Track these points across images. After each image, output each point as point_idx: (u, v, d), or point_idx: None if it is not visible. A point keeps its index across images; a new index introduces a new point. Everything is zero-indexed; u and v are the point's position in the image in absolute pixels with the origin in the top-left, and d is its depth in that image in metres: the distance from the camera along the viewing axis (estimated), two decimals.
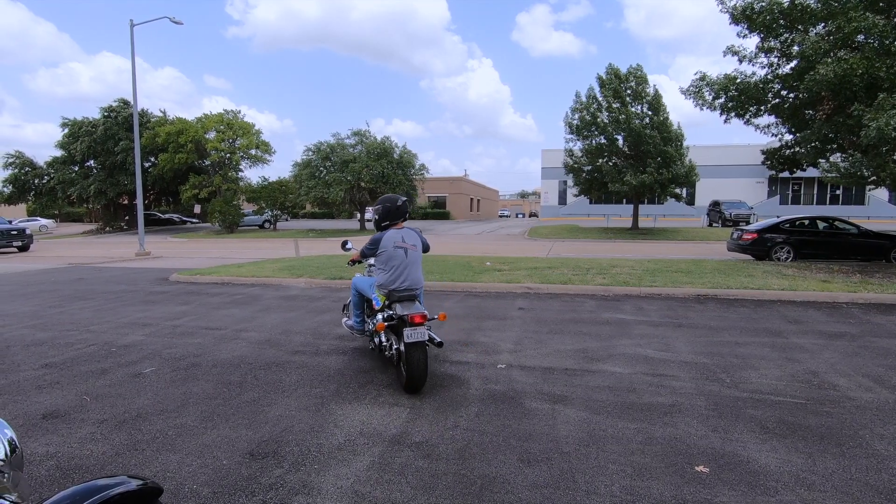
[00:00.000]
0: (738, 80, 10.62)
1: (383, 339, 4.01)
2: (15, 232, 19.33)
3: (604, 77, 23.46)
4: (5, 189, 32.86)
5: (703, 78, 10.99)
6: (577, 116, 24.47)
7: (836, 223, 13.08)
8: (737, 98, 10.55)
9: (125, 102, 33.13)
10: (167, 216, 41.64)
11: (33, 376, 4.18)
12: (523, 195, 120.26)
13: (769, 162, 12.93)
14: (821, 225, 13.13)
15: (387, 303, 4.00)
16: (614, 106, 23.07)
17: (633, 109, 23.11)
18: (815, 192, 37.48)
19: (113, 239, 28.16)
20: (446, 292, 8.20)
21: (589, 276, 9.00)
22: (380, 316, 3.96)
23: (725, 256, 13.72)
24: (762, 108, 11.05)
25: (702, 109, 11.06)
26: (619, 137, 23.47)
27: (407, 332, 3.59)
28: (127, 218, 36.09)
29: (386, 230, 4.13)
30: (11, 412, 3.42)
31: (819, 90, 8.58)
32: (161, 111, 34.27)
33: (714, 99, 10.78)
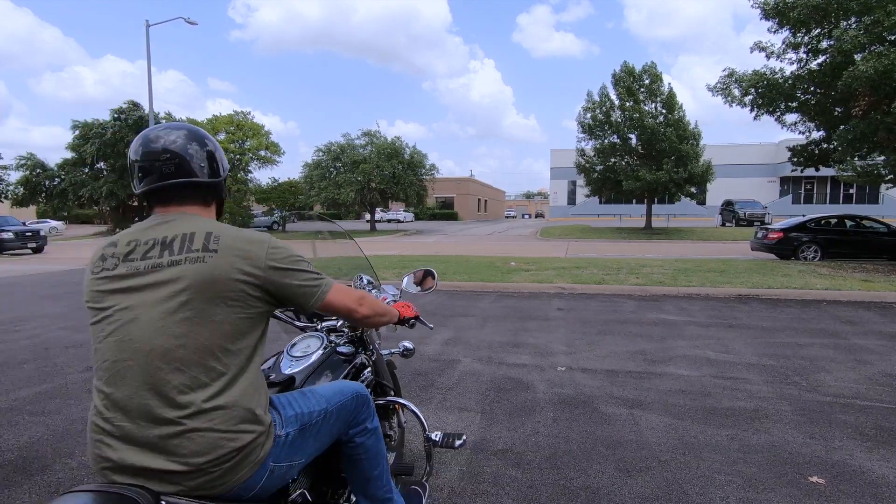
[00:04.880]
0: (768, 76, 10.44)
1: None
2: (29, 234, 19.29)
3: (618, 73, 23.26)
4: (17, 191, 32.91)
5: (731, 74, 10.80)
6: (589, 116, 24.28)
7: (863, 222, 12.87)
8: (766, 94, 10.36)
9: (134, 104, 33.14)
10: None
11: (80, 379, 4.06)
12: (528, 196, 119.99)
13: (796, 158, 12.72)
14: (848, 224, 12.92)
15: None
16: (627, 104, 22.89)
17: (646, 108, 22.92)
18: (829, 190, 37.14)
19: None
20: (477, 292, 8.06)
21: (621, 275, 8.83)
22: None
23: (749, 256, 13.51)
24: (791, 104, 10.86)
25: (731, 106, 10.90)
26: (633, 136, 23.28)
27: None
28: (136, 219, 36.11)
29: None
30: (67, 416, 3.29)
31: (857, 86, 8.39)
32: (167, 113, 34.21)
33: (743, 95, 10.59)
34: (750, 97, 10.57)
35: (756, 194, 35.31)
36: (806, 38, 10.50)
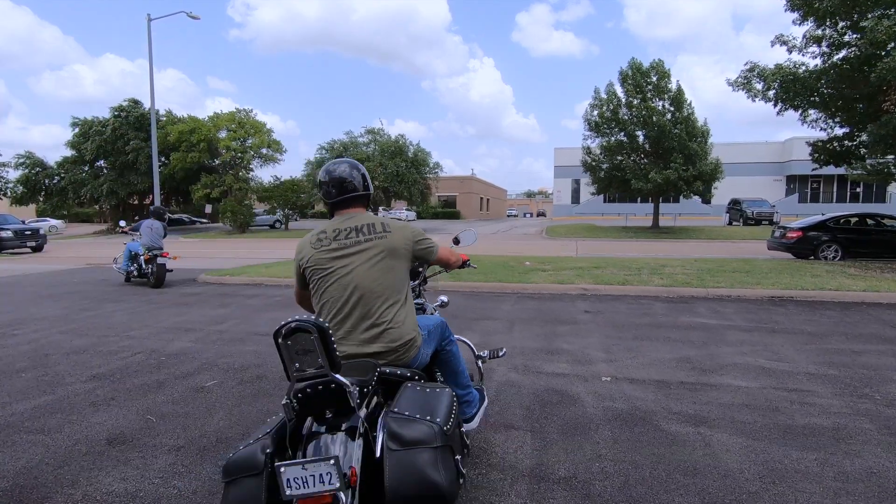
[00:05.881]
0: (791, 71, 10.09)
1: (144, 265, 8.81)
2: (29, 232, 18.95)
3: (626, 70, 22.88)
4: (17, 189, 32.52)
5: (752, 69, 10.46)
6: (595, 113, 23.91)
7: (884, 220, 12.55)
8: (790, 88, 10.02)
9: (135, 102, 32.74)
10: (176, 216, 41.26)
11: (83, 390, 3.73)
12: (529, 195, 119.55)
13: (817, 155, 12.39)
14: (869, 222, 12.60)
15: (147, 252, 8.70)
16: (635, 102, 22.52)
17: (654, 105, 22.53)
18: (835, 189, 36.80)
19: (125, 239, 27.77)
20: (497, 293, 7.73)
21: (643, 276, 8.50)
22: (147, 257, 8.74)
23: (766, 255, 13.19)
24: (814, 98, 10.52)
25: (754, 100, 10.55)
26: (640, 134, 22.90)
27: (159, 260, 8.65)
28: (136, 218, 35.69)
29: (143, 221, 9.13)
30: (70, 435, 2.96)
31: (892, 78, 8.05)
32: (167, 111, 33.77)
33: (767, 89, 10.25)
34: (773, 91, 10.24)
35: (762, 193, 34.94)
36: (829, 31, 10.16)
